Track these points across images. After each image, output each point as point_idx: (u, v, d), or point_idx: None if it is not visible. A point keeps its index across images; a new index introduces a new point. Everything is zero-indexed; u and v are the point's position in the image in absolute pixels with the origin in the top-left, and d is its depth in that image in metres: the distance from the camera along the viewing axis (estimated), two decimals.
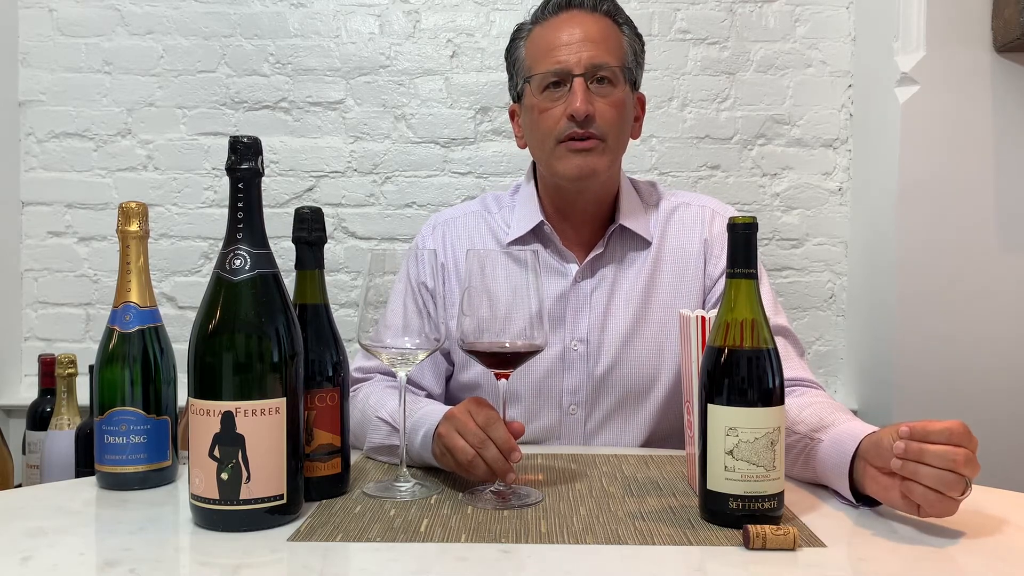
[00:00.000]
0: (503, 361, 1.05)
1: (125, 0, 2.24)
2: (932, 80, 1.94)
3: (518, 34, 1.43)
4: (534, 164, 1.46)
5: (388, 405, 1.23)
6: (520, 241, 1.42)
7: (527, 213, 1.43)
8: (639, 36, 1.42)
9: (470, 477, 1.06)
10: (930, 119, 1.95)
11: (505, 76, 1.46)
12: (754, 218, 0.93)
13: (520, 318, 1.04)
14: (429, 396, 1.40)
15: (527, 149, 1.44)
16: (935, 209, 1.95)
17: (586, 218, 1.42)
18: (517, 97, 1.43)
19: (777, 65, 2.23)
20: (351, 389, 1.36)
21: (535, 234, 1.42)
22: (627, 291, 1.40)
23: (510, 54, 1.44)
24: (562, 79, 1.33)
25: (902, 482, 0.91)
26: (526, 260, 1.04)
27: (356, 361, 1.38)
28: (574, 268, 1.40)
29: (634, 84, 1.41)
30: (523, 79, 1.39)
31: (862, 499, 0.99)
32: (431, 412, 1.15)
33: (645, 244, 1.41)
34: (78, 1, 2.25)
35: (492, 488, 1.03)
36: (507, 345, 1.04)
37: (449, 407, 1.14)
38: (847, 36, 2.22)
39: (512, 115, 1.48)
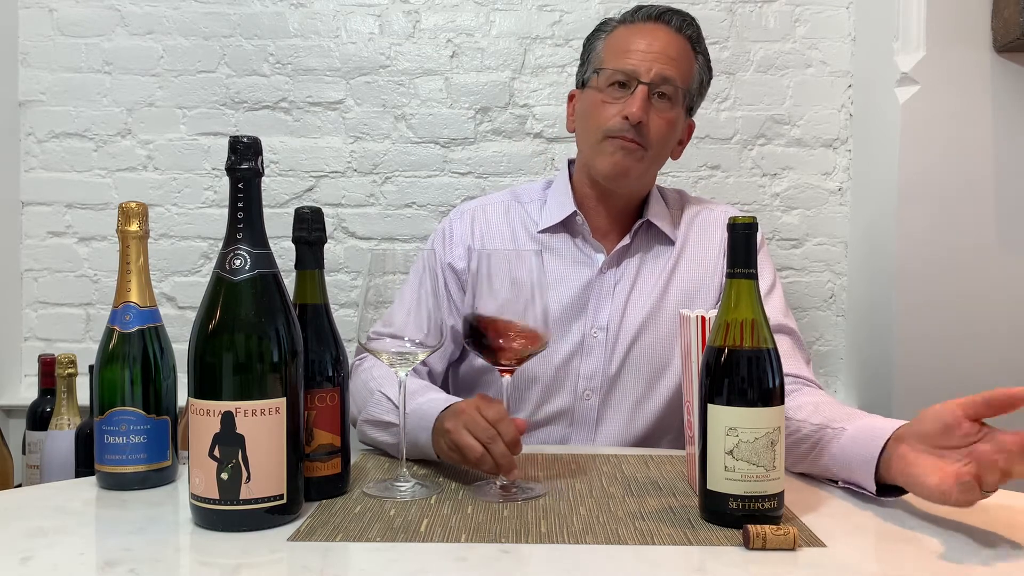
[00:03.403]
0: (506, 358, 1.06)
1: (125, 0, 2.24)
2: (932, 80, 1.94)
3: (602, 28, 1.49)
4: (569, 160, 1.54)
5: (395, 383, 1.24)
6: (551, 231, 1.47)
7: (560, 203, 1.47)
8: (710, 69, 1.49)
9: (476, 470, 1.08)
10: (930, 119, 1.95)
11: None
12: (754, 218, 0.93)
13: (527, 317, 1.04)
14: (431, 374, 1.42)
15: (561, 137, 1.50)
16: (935, 209, 1.95)
17: (616, 212, 1.47)
18: (581, 84, 1.49)
19: (777, 65, 2.23)
20: (356, 358, 1.38)
21: (565, 224, 1.47)
22: (649, 284, 1.44)
23: (588, 43, 1.50)
24: (628, 81, 1.38)
25: (979, 465, 0.86)
26: (532, 260, 1.05)
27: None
28: (601, 258, 1.44)
29: (689, 110, 1.47)
30: (594, 69, 1.44)
31: (880, 490, 0.99)
32: (432, 400, 1.16)
33: (669, 242, 1.47)
34: (78, 1, 2.24)
35: (497, 483, 1.05)
36: (512, 344, 1.04)
37: (451, 399, 1.15)
38: (847, 36, 2.22)
39: (571, 98, 1.53)
